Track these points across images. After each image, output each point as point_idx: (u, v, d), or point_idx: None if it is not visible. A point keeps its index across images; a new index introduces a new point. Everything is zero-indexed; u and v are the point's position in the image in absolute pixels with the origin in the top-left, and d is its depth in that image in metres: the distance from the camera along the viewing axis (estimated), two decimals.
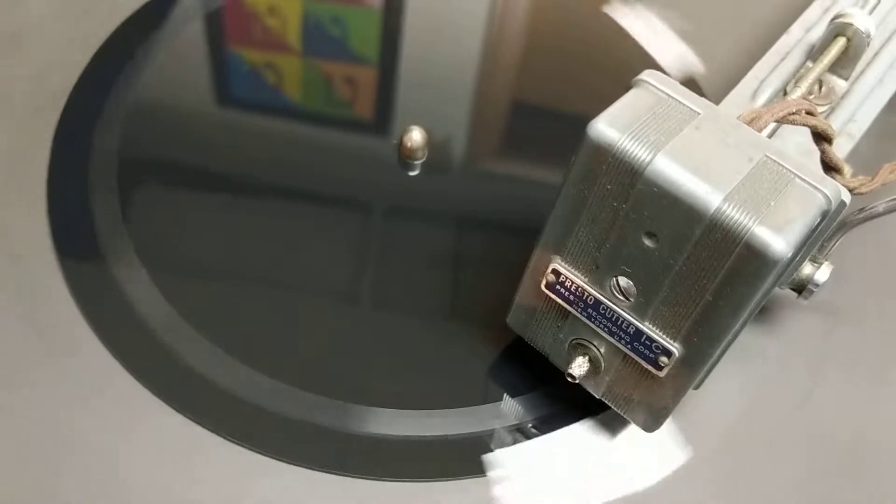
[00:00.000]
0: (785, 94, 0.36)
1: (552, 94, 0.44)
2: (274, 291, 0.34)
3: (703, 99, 0.27)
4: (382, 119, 0.41)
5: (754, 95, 0.36)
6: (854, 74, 0.37)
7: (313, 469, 0.30)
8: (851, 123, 0.36)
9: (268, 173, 0.38)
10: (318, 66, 0.43)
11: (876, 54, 0.38)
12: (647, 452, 0.32)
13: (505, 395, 0.32)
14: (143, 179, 0.37)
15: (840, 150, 0.35)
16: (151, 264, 0.34)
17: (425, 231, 0.37)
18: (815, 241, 0.30)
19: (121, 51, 0.41)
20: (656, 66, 0.44)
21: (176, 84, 0.41)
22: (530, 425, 0.31)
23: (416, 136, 0.37)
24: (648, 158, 0.24)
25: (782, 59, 0.38)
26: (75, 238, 0.34)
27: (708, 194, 0.23)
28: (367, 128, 0.41)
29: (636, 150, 0.24)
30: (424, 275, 0.35)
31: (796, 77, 0.37)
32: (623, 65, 0.45)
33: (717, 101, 0.38)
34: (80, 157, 0.37)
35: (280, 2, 0.45)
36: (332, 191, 0.38)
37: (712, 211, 0.23)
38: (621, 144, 0.24)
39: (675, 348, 0.26)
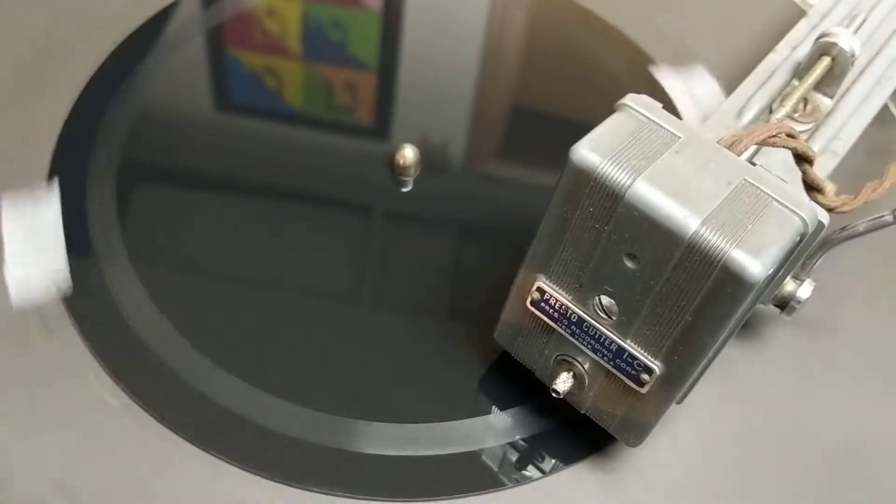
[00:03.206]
0: (771, 111, 0.37)
1: (551, 103, 0.45)
2: (265, 303, 0.35)
3: (685, 122, 0.27)
4: (380, 126, 0.42)
5: (740, 113, 0.37)
6: (839, 92, 0.38)
7: (297, 487, 0.30)
8: (836, 141, 0.36)
9: (265, 183, 0.39)
10: (318, 73, 0.44)
11: (861, 72, 0.39)
12: (632, 467, 0.32)
13: (494, 408, 0.33)
14: (142, 186, 0.38)
15: (824, 167, 0.36)
16: (145, 274, 0.35)
17: (417, 245, 0.37)
18: (795, 261, 0.30)
19: (126, 61, 0.42)
20: (650, 62, 0.45)
21: (178, 94, 0.42)
22: (519, 439, 0.32)
23: (408, 154, 0.37)
24: (629, 183, 0.25)
25: (769, 77, 0.38)
26: (71, 243, 0.35)
27: (686, 218, 0.24)
28: (365, 136, 0.42)
29: (617, 174, 0.25)
30: (416, 287, 0.36)
31: (782, 95, 0.37)
32: (622, 69, 0.46)
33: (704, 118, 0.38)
34: (81, 161, 0.38)
35: (281, 9, 0.46)
36: (326, 205, 0.38)
37: (690, 234, 0.24)
38: (602, 169, 0.25)
39: (656, 366, 0.27)
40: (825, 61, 0.36)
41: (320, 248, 0.37)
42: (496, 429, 0.32)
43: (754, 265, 0.24)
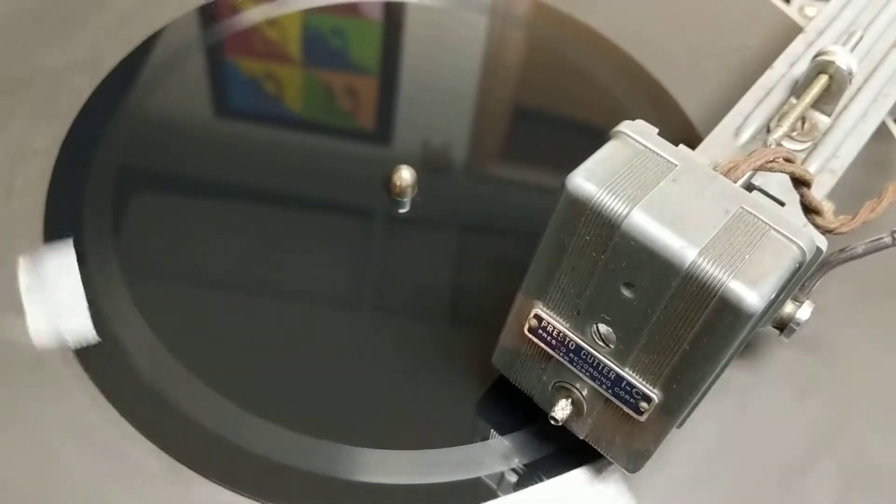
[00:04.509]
0: (768, 130, 0.37)
1: (551, 114, 0.45)
2: (260, 322, 0.34)
3: (681, 148, 0.27)
4: (380, 137, 0.42)
5: (738, 132, 0.36)
6: (837, 110, 0.37)
7: None
8: (834, 160, 0.36)
9: (263, 194, 0.39)
10: (318, 82, 0.44)
11: (859, 89, 0.39)
12: (631, 493, 0.32)
13: (492, 432, 0.33)
14: (138, 199, 0.38)
15: (822, 186, 0.36)
16: (137, 285, 0.35)
17: (414, 265, 0.37)
18: (794, 286, 0.30)
19: (127, 77, 0.42)
20: (648, 79, 0.45)
21: (178, 105, 0.42)
22: (518, 465, 0.32)
23: (405, 175, 0.37)
24: (625, 212, 0.25)
25: (766, 95, 0.38)
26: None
27: (683, 248, 0.24)
28: (364, 148, 0.42)
29: (613, 203, 0.25)
30: (413, 308, 0.36)
31: (780, 113, 0.37)
32: (619, 78, 0.46)
33: (703, 132, 0.38)
34: (80, 173, 0.38)
35: (282, 20, 0.46)
36: (325, 222, 0.38)
37: (687, 265, 0.24)
38: (598, 198, 0.25)
39: (654, 394, 0.27)
40: (822, 79, 0.36)
41: (317, 267, 0.36)
42: (494, 454, 0.32)
43: (752, 296, 0.23)
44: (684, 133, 0.44)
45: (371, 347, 0.34)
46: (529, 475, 0.32)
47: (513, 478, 0.32)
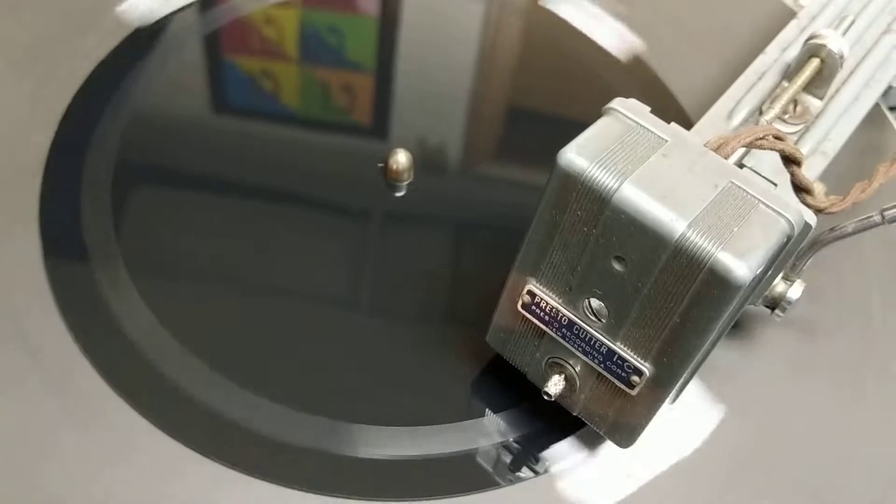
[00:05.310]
0: (761, 113, 0.37)
1: (546, 105, 0.45)
2: (259, 307, 0.35)
3: (672, 125, 0.27)
4: (376, 129, 0.42)
5: (730, 115, 0.37)
6: (829, 94, 0.38)
7: (295, 489, 0.30)
8: (826, 142, 0.37)
9: (260, 187, 0.39)
10: (314, 76, 0.44)
11: (851, 73, 0.39)
12: (624, 468, 0.32)
13: (487, 410, 0.33)
14: (136, 189, 0.38)
15: (814, 168, 0.36)
16: (140, 277, 0.35)
17: (411, 248, 0.37)
18: (783, 262, 0.30)
19: (119, 66, 0.42)
20: (640, 65, 0.46)
21: (174, 97, 0.42)
22: (512, 441, 0.32)
23: (401, 159, 0.38)
24: (615, 186, 0.25)
25: (759, 79, 0.38)
26: (65, 253, 0.35)
27: (672, 221, 0.24)
28: (361, 140, 0.42)
29: (604, 178, 0.25)
30: (409, 291, 0.36)
31: (772, 97, 0.37)
32: (611, 66, 0.46)
33: (695, 120, 0.39)
34: (74, 170, 0.38)
35: (278, 14, 0.46)
36: (321, 209, 0.39)
37: (676, 237, 0.24)
38: (589, 173, 0.25)
39: (645, 368, 0.27)
40: (814, 63, 0.36)
41: (314, 252, 0.37)
42: (489, 431, 0.32)
43: (740, 267, 0.24)
44: (676, 120, 0.44)
45: (369, 328, 0.35)
46: (524, 451, 0.32)
47: (507, 454, 0.32)
